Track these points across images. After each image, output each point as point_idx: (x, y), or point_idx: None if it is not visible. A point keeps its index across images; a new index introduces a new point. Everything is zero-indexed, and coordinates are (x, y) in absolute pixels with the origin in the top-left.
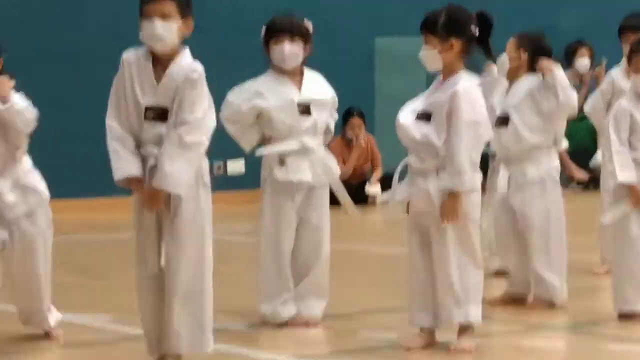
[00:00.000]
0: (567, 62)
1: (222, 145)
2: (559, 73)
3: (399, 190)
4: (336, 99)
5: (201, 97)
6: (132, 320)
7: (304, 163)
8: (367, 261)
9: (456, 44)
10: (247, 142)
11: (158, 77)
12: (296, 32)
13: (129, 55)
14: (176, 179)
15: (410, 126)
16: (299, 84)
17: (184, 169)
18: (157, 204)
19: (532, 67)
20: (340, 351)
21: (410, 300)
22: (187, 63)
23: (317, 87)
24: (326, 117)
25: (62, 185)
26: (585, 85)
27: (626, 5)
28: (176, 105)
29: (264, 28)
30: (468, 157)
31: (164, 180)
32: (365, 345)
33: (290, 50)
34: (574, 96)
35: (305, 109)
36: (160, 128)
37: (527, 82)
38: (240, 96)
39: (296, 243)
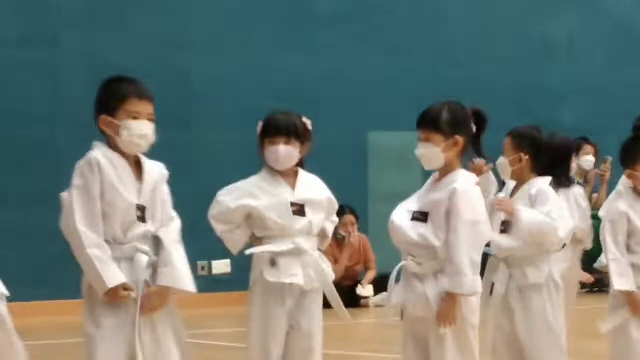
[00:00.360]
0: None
1: (207, 245)
2: (523, 216)
3: (395, 294)
4: (334, 200)
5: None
6: None
7: (296, 265)
8: None
9: (460, 141)
10: (234, 244)
11: (137, 177)
12: (293, 132)
13: (98, 157)
14: (189, 276)
15: (406, 227)
16: (293, 184)
17: (187, 266)
18: (164, 304)
19: (535, 168)
20: None
21: None
22: (150, 160)
23: (312, 187)
24: (322, 218)
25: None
26: (590, 183)
27: (628, 103)
28: (159, 202)
29: (260, 124)
30: (468, 258)
31: (179, 279)
32: None
33: (285, 152)
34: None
35: (299, 210)
36: (145, 227)
37: (531, 187)
38: (230, 195)
39: (286, 349)
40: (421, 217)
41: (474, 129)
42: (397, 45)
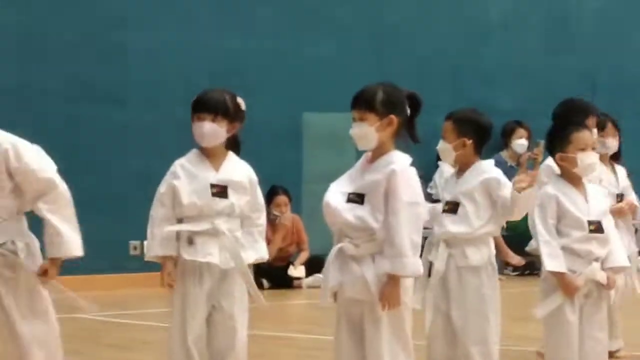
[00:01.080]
0: (504, 142)
1: (140, 225)
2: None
3: (331, 276)
4: (256, 180)
5: None
6: None
7: (213, 245)
8: (291, 348)
9: (394, 121)
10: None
11: None
12: (220, 110)
13: None
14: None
15: (342, 209)
16: (218, 165)
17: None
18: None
19: (479, 151)
20: None
21: None
22: None
23: (237, 170)
24: (246, 200)
25: None
26: (522, 166)
27: (560, 87)
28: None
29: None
30: (409, 239)
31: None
32: None
33: (210, 129)
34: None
35: (220, 191)
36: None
37: (481, 170)
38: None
39: (210, 329)
40: (357, 198)
41: (408, 111)
42: (334, 25)
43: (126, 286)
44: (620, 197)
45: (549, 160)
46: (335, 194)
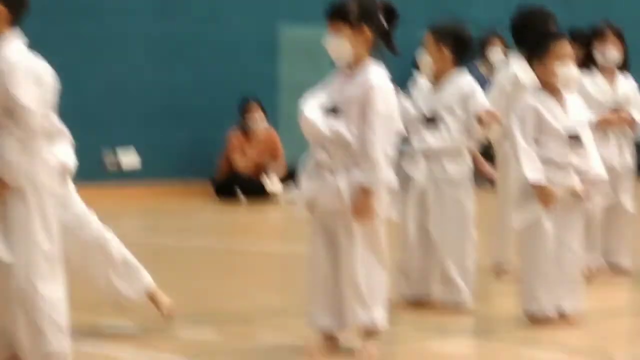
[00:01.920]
0: (480, 52)
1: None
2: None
3: (306, 187)
4: None
5: None
6: None
7: None
8: (267, 261)
9: (368, 32)
10: None
11: None
12: None
13: None
14: None
15: (318, 121)
16: None
17: None
18: None
19: (458, 63)
20: (237, 356)
21: (312, 302)
22: None
23: None
24: None
25: None
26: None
27: None
28: None
29: None
30: (383, 151)
31: None
32: (263, 350)
33: None
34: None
35: None
36: None
37: (459, 83)
38: None
39: None
40: (333, 111)
41: (385, 23)
42: None
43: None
44: (614, 108)
45: (515, 67)
46: (312, 107)
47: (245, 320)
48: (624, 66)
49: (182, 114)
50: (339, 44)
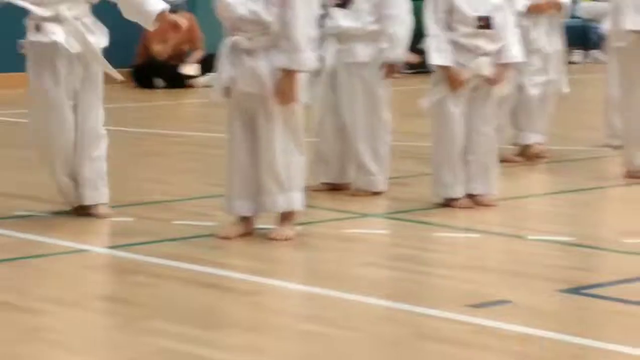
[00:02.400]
0: None
1: None
2: None
3: (224, 71)
4: None
5: None
6: None
7: (58, 29)
8: (184, 146)
9: None
10: None
11: None
12: None
13: None
14: None
15: (235, 2)
16: None
17: None
18: None
19: None
20: (154, 240)
21: (229, 187)
22: None
23: None
24: None
25: None
26: None
27: None
28: None
29: None
30: (305, 33)
31: None
32: (180, 234)
33: None
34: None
35: None
36: None
37: None
38: None
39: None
40: None
41: None
42: None
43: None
44: None
45: None
46: None
47: (164, 205)
48: None
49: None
50: None
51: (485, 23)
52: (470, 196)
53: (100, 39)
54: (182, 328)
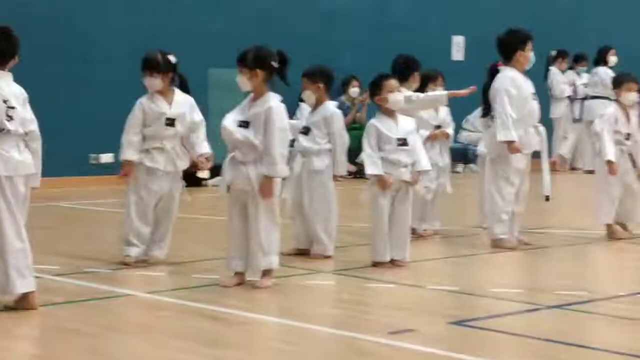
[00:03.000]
0: (343, 89)
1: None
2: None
3: (227, 175)
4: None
5: None
6: None
7: (161, 157)
8: (200, 224)
9: (260, 73)
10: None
11: None
12: (154, 67)
13: None
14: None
15: (234, 130)
16: (171, 101)
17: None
18: None
19: (328, 93)
20: (177, 285)
21: (229, 251)
22: None
23: (182, 104)
24: (186, 127)
25: None
26: (354, 106)
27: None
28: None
29: None
30: (280, 153)
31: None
32: (195, 283)
33: (149, 82)
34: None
35: (171, 122)
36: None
37: (327, 108)
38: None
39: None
40: (244, 124)
41: (277, 65)
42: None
43: (89, 185)
44: (438, 127)
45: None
46: (230, 121)
47: (184, 264)
48: None
49: None
50: (241, 80)
51: (402, 142)
52: (392, 260)
53: (184, 162)
54: (192, 345)
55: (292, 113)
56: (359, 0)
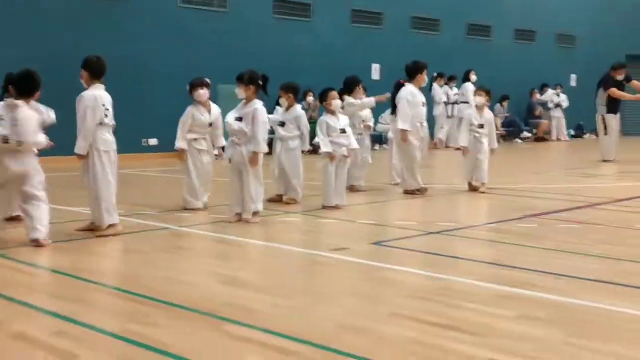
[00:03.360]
0: (303, 97)
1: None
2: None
3: (228, 152)
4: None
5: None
6: None
7: (204, 143)
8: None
9: (252, 87)
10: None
11: None
12: (205, 84)
13: None
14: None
15: (233, 123)
16: (209, 110)
17: None
18: None
19: (296, 99)
20: (200, 223)
21: (231, 200)
22: None
23: (215, 111)
24: (219, 130)
25: None
26: (310, 108)
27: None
28: None
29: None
30: (262, 137)
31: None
32: (211, 220)
33: (204, 94)
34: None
35: (209, 125)
36: None
37: (295, 109)
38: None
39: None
40: (239, 119)
41: (262, 82)
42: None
43: (141, 159)
44: (363, 121)
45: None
46: (230, 117)
47: (205, 209)
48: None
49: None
50: (239, 92)
51: (342, 130)
52: (335, 205)
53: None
54: (210, 259)
55: (270, 112)
56: (312, 44)
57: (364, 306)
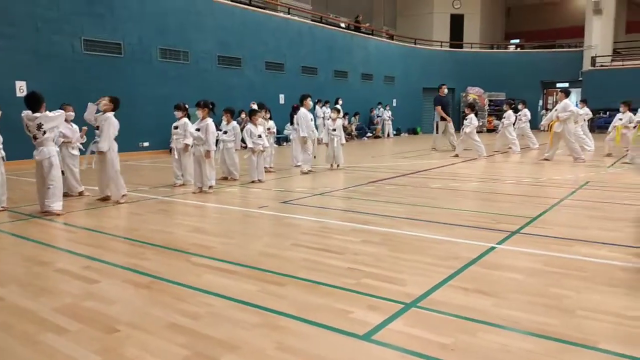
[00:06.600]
0: (238, 114)
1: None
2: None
3: (191, 150)
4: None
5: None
6: None
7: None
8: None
9: (206, 110)
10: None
11: None
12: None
13: None
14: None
15: (193, 132)
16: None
17: None
18: None
19: (233, 117)
20: (180, 194)
21: (195, 179)
22: None
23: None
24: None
25: None
26: (243, 121)
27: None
28: None
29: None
30: (212, 141)
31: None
32: (185, 191)
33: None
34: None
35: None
36: None
37: (233, 124)
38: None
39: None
40: (198, 130)
41: (212, 106)
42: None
43: (138, 157)
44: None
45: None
46: (192, 128)
47: (182, 186)
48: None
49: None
50: (197, 113)
51: (259, 136)
52: (258, 180)
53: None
54: (189, 218)
55: (217, 125)
56: (243, 83)
57: (276, 241)
